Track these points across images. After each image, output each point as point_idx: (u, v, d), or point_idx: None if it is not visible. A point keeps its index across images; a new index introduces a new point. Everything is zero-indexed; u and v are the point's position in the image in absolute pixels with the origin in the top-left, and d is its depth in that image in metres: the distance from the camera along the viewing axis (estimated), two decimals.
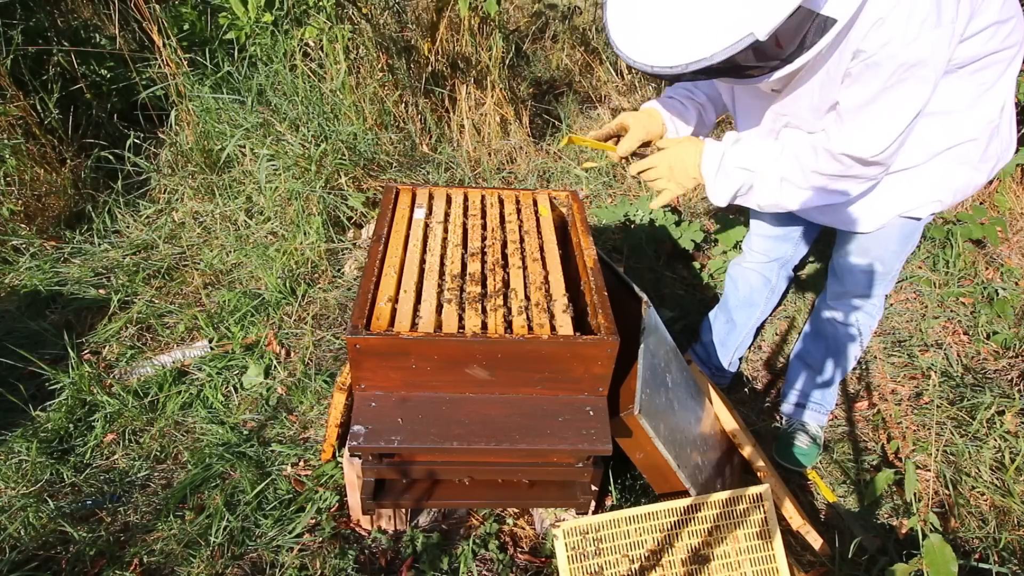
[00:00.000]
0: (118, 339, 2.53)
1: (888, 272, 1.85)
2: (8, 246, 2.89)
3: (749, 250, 2.14)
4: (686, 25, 1.10)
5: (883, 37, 1.18)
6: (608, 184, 3.59)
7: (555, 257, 1.70)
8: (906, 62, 1.19)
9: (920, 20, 1.16)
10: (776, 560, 1.64)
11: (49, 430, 2.13)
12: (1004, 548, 1.88)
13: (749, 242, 2.14)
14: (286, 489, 1.97)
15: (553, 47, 4.63)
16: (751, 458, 1.94)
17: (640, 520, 1.62)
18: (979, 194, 3.37)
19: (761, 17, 1.02)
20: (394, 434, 1.42)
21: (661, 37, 1.14)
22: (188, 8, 3.52)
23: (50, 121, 3.21)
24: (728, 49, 1.06)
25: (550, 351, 1.42)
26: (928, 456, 2.15)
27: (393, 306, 1.47)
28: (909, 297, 2.91)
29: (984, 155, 1.52)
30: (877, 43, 1.19)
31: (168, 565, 1.78)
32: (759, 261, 2.12)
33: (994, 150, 1.53)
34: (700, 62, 1.09)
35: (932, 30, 1.17)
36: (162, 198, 3.24)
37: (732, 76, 1.24)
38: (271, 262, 2.84)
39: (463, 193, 1.93)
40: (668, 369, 1.79)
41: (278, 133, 3.14)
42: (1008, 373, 2.50)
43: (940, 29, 1.18)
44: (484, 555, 1.82)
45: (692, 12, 1.09)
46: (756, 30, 1.03)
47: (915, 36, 1.16)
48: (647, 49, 1.16)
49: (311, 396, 2.29)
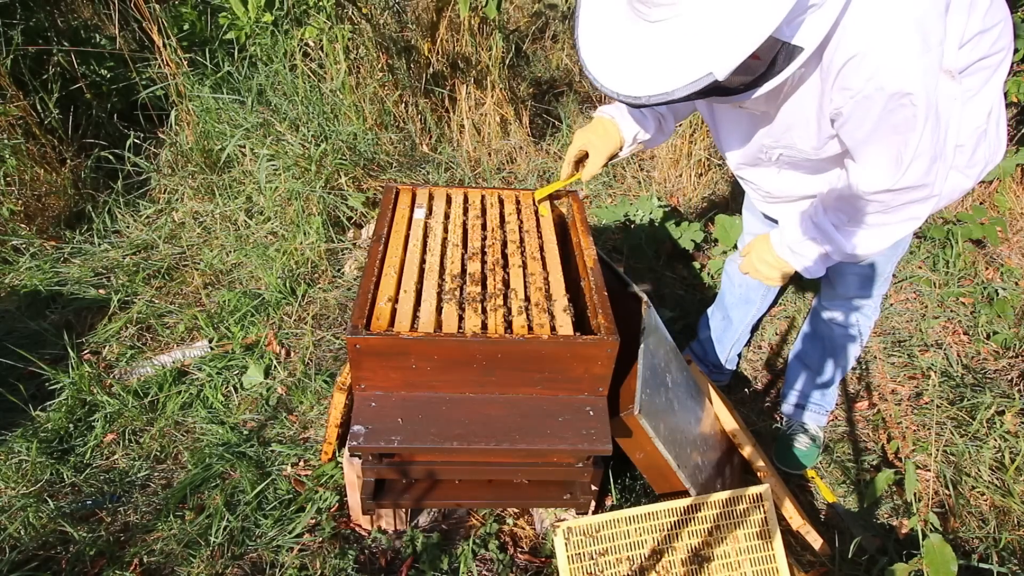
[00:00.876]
0: (118, 339, 2.53)
1: (880, 275, 1.85)
2: (8, 246, 2.89)
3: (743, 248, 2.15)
4: (651, 59, 1.11)
5: (867, 71, 1.15)
6: (608, 184, 3.59)
7: (555, 257, 1.70)
8: (897, 92, 1.15)
9: (904, 49, 1.13)
10: (776, 560, 1.64)
11: (49, 430, 2.13)
12: (1004, 548, 1.88)
13: (743, 240, 2.15)
14: (286, 489, 1.97)
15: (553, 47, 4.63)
16: (751, 458, 1.94)
17: (640, 520, 1.62)
18: (979, 194, 3.37)
19: (721, 59, 1.03)
20: (394, 434, 1.42)
21: (627, 67, 1.15)
22: (188, 8, 3.52)
23: (50, 121, 3.21)
24: (688, 87, 1.07)
25: (550, 351, 1.42)
26: (928, 456, 2.15)
27: (393, 306, 1.47)
28: (909, 297, 2.91)
29: (971, 160, 1.51)
30: (862, 78, 1.16)
31: (168, 565, 1.78)
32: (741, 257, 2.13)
33: (982, 155, 1.52)
34: (662, 95, 1.10)
35: (919, 57, 1.14)
36: (162, 198, 3.24)
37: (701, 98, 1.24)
38: (271, 262, 2.84)
39: (463, 193, 1.93)
40: (668, 369, 1.79)
41: (278, 133, 3.14)
42: (1008, 373, 2.50)
43: (928, 55, 1.15)
44: (484, 555, 1.82)
45: (657, 47, 1.10)
46: (715, 70, 1.04)
47: (901, 66, 1.14)
48: (614, 76, 1.17)
49: (311, 396, 2.29)
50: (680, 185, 3.55)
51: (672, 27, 1.07)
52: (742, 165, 1.68)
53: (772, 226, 1.96)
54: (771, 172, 1.64)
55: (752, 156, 1.59)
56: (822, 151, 1.41)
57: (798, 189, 1.63)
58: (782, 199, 1.70)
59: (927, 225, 3.15)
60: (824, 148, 1.40)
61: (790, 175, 1.61)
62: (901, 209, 1.36)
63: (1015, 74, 2.98)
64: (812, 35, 1.10)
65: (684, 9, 1.04)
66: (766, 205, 1.79)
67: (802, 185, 1.62)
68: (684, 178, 3.54)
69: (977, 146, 1.50)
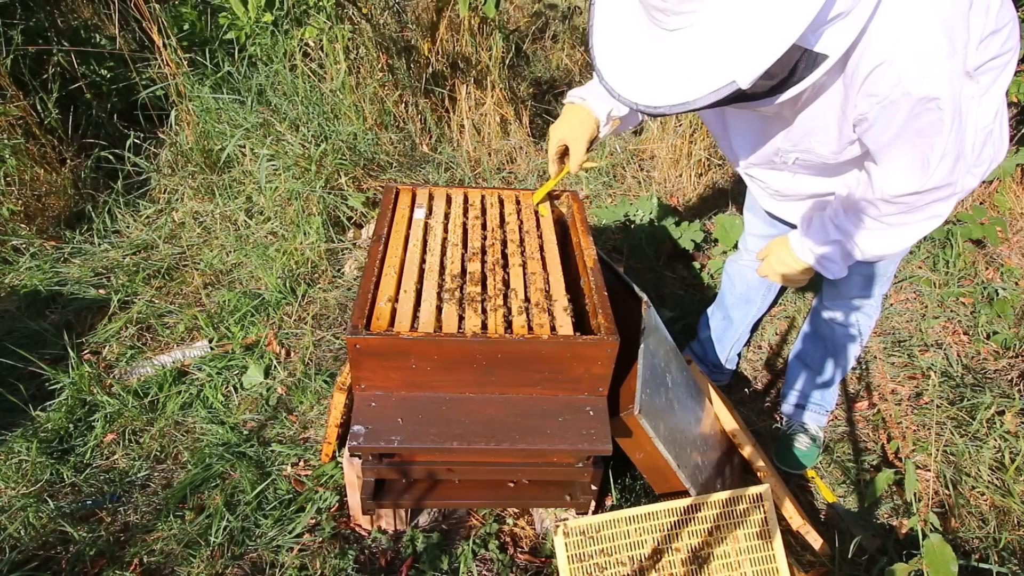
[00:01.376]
0: (118, 339, 2.53)
1: (882, 275, 1.85)
2: (8, 246, 2.89)
3: (744, 248, 2.16)
4: (670, 67, 1.09)
5: (894, 78, 1.14)
6: (608, 184, 3.59)
7: (555, 257, 1.70)
8: (924, 97, 1.14)
9: (931, 54, 1.11)
10: (776, 560, 1.64)
11: (49, 430, 2.13)
12: (1004, 548, 1.88)
13: (744, 241, 2.15)
14: (286, 489, 1.97)
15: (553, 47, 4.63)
16: (751, 458, 1.94)
17: (640, 520, 1.62)
18: (979, 194, 3.37)
19: (744, 67, 1.01)
20: (394, 434, 1.42)
21: (646, 76, 1.13)
22: (188, 8, 3.52)
23: (50, 121, 3.21)
24: (711, 95, 1.05)
25: (550, 351, 1.42)
26: (928, 456, 2.15)
27: (393, 306, 1.47)
28: (909, 297, 2.91)
29: (978, 159, 1.52)
30: (888, 84, 1.15)
31: (168, 565, 1.78)
32: (755, 260, 2.13)
33: (987, 154, 1.53)
34: (684, 105, 1.08)
35: (946, 61, 1.12)
36: (162, 198, 3.24)
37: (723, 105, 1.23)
38: (271, 262, 2.84)
39: (463, 193, 1.93)
40: (668, 369, 1.79)
41: (278, 133, 3.14)
42: (1008, 373, 2.50)
43: (954, 58, 1.13)
44: (484, 555, 1.82)
45: (678, 55, 1.08)
46: (739, 78, 1.02)
47: (928, 71, 1.12)
48: (632, 86, 1.15)
49: (311, 396, 2.29)
50: (680, 185, 3.55)
51: (692, 35, 1.05)
52: (752, 166, 1.67)
53: (777, 226, 1.96)
54: (784, 175, 1.63)
55: (766, 159, 1.58)
56: (841, 155, 1.40)
57: (810, 189, 1.63)
58: (791, 197, 1.70)
59: None
60: (843, 152, 1.39)
61: (804, 177, 1.61)
62: (924, 208, 1.36)
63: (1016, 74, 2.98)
64: (838, 43, 1.08)
65: (704, 17, 1.02)
66: (773, 203, 1.78)
67: (815, 185, 1.61)
68: (684, 178, 3.54)
69: (984, 145, 1.51)
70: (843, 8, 1.04)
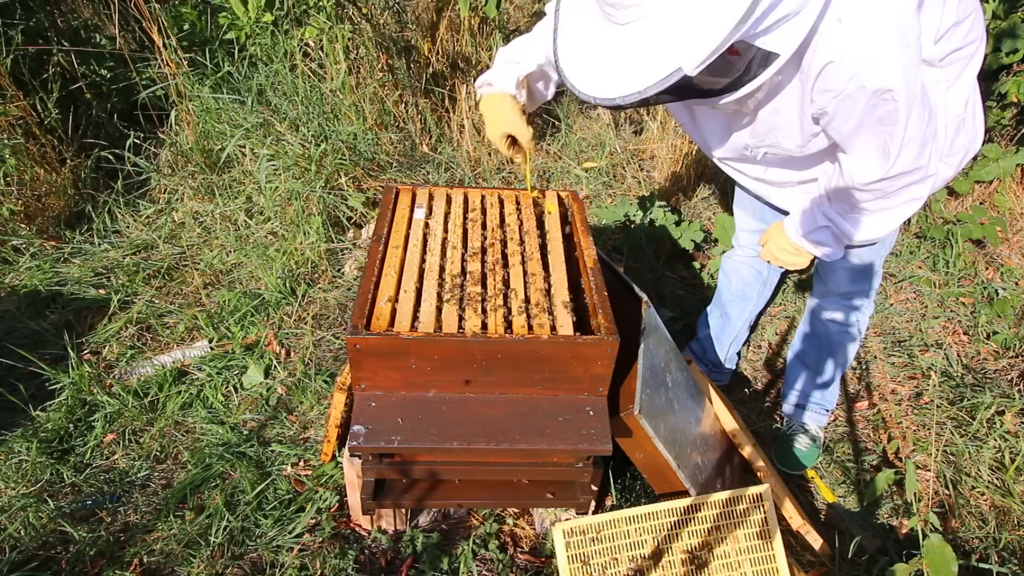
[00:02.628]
0: (118, 339, 2.53)
1: (869, 269, 1.87)
2: (8, 246, 2.89)
3: (738, 244, 2.19)
4: (622, 60, 1.14)
5: (847, 72, 1.19)
6: (608, 184, 3.58)
7: (559, 255, 1.70)
8: (878, 89, 1.19)
9: (882, 48, 1.16)
10: (776, 560, 1.64)
11: (49, 430, 2.13)
12: (1004, 548, 1.88)
13: (736, 237, 2.17)
14: (286, 489, 1.97)
15: None
16: (751, 458, 1.94)
17: (640, 520, 1.62)
18: (979, 194, 3.36)
19: (688, 54, 1.06)
20: (394, 434, 1.42)
21: (601, 70, 1.18)
22: (188, 8, 3.52)
23: (50, 121, 3.21)
24: (659, 83, 1.09)
25: (550, 351, 1.42)
26: (928, 456, 2.15)
27: (393, 306, 1.47)
28: (909, 297, 2.91)
29: (951, 148, 1.56)
30: (843, 79, 1.20)
31: (168, 565, 1.78)
32: (748, 255, 2.17)
33: (961, 143, 1.57)
34: (635, 95, 1.12)
35: (897, 54, 1.17)
36: (162, 198, 3.24)
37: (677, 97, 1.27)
38: (271, 262, 2.84)
39: (463, 193, 1.93)
40: (668, 369, 1.79)
41: (278, 133, 3.14)
42: (1008, 373, 2.50)
43: (906, 51, 1.18)
44: (484, 555, 1.82)
45: (628, 48, 1.13)
46: (684, 65, 1.06)
47: (880, 65, 1.17)
48: (588, 80, 1.20)
49: (311, 396, 2.29)
50: (680, 185, 3.55)
51: (640, 28, 1.10)
52: (726, 159, 1.72)
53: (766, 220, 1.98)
54: (758, 167, 1.69)
55: (737, 152, 1.62)
56: (806, 148, 1.45)
57: (785, 178, 1.67)
58: (775, 183, 1.73)
59: (927, 225, 3.15)
60: (808, 145, 1.44)
61: (777, 169, 1.66)
62: (899, 193, 1.41)
63: (1015, 74, 2.98)
64: (787, 41, 1.12)
65: (649, 10, 1.07)
66: (760, 186, 1.80)
67: (789, 176, 1.66)
68: (684, 178, 3.54)
69: (956, 135, 1.55)
70: (792, 8, 1.07)
